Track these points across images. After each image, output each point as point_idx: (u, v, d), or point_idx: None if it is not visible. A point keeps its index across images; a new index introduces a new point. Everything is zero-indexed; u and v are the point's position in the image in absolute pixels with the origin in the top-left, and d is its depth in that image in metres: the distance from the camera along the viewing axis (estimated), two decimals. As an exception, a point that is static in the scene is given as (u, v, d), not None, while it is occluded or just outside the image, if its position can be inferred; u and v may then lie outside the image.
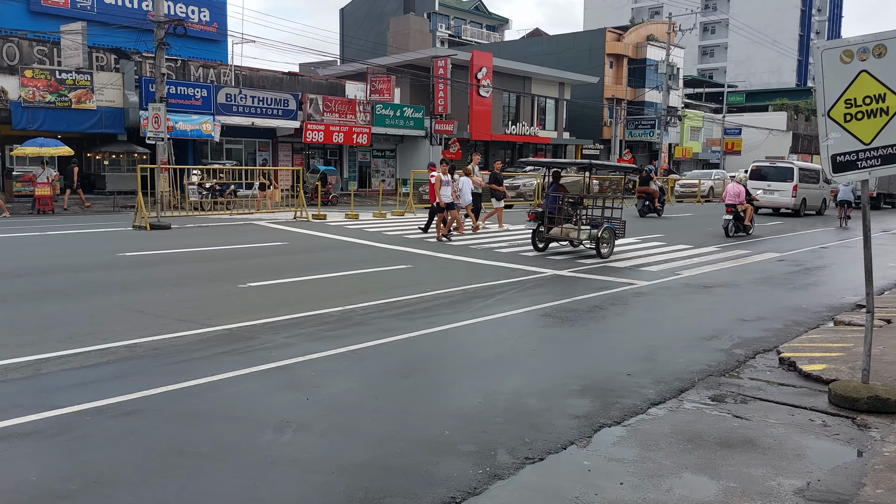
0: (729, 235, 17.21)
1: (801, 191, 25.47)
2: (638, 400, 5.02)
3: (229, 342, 6.53)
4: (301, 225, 17.80)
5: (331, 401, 4.94)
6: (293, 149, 33.90)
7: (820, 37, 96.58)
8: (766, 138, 63.47)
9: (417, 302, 8.58)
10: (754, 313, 8.24)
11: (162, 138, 16.19)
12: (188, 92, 27.71)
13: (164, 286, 9.16)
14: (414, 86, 39.85)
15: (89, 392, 5.06)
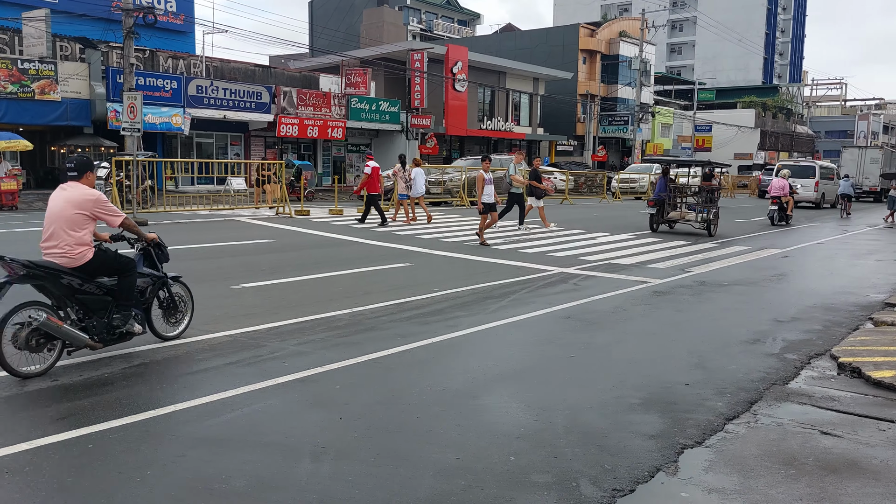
0: (774, 223, 19.46)
1: (821, 186, 28.51)
2: (710, 414, 4.53)
3: (235, 351, 5.89)
4: (285, 221, 17.05)
5: (368, 421, 4.36)
6: (266, 143, 32.97)
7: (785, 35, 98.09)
8: (735, 135, 64.09)
9: (427, 303, 8.02)
10: (785, 313, 7.84)
11: (138, 129, 15.32)
12: (157, 83, 26.65)
13: None
14: (389, 79, 39.13)
15: (87, 413, 4.40)
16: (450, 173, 26.29)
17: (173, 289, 6.34)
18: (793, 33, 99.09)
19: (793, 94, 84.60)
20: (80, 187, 5.45)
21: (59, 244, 5.25)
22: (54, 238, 5.26)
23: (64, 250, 5.24)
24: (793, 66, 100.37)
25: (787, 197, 19.95)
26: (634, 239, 15.11)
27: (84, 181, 5.49)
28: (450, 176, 25.98)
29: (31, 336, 4.94)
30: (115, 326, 5.49)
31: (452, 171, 26.65)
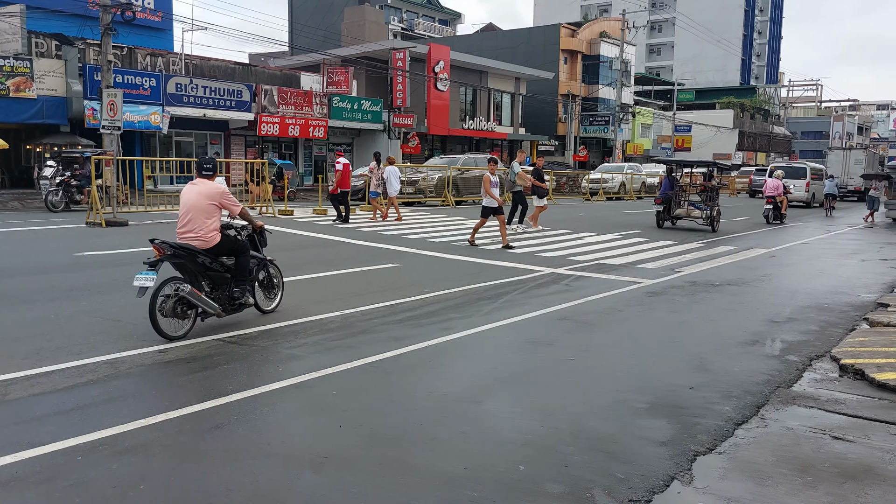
0: (769, 222, 20.27)
1: (812, 186, 30.12)
2: (718, 419, 4.44)
3: (225, 355, 5.70)
4: (268, 221, 16.72)
5: (368, 428, 4.20)
6: (246, 142, 32.58)
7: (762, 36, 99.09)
8: (714, 135, 64.61)
9: (420, 305, 7.87)
10: (780, 314, 7.80)
11: (118, 127, 14.97)
12: (136, 81, 26.18)
13: (134, 289, 8.18)
14: (370, 78, 38.87)
15: (74, 423, 4.20)
16: (423, 172, 25.55)
17: (270, 269, 7.34)
18: (769, 35, 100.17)
19: (770, 95, 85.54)
20: (210, 183, 6.58)
21: (195, 230, 6.42)
22: (191, 224, 6.44)
23: (199, 234, 6.41)
24: (770, 68, 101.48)
25: (782, 197, 20.83)
26: (621, 239, 15.07)
27: (214, 178, 6.71)
28: (423, 175, 25.21)
29: (177, 305, 6.07)
30: (235, 298, 6.59)
31: (426, 170, 25.93)
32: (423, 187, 24.68)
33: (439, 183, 24.56)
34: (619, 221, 19.54)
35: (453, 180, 24.86)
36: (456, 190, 25.01)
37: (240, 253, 6.70)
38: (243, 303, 6.67)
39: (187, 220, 6.45)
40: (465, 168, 25.54)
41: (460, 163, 25.98)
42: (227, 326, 6.58)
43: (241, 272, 6.64)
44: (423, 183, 24.72)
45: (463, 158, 26.88)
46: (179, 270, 6.37)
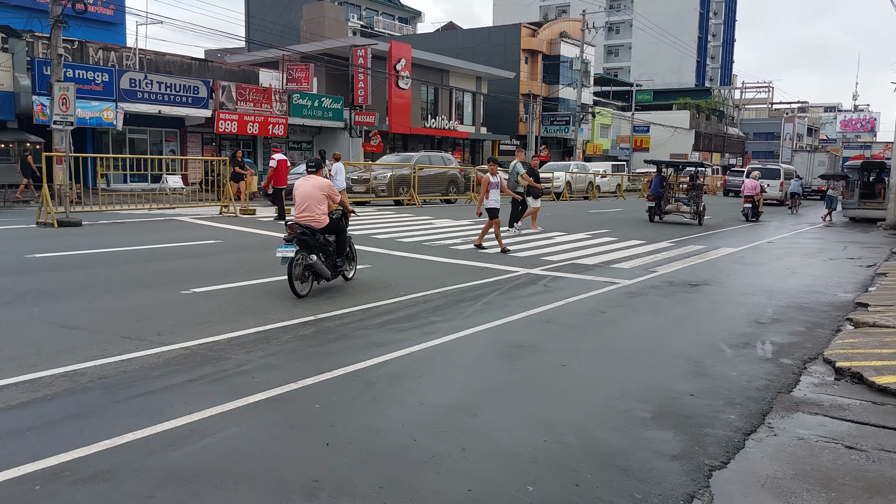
0: (748, 220, 21.68)
1: (785, 186, 32.04)
2: (726, 429, 4.23)
3: (195, 365, 5.30)
4: (230, 221, 16.23)
5: (360, 446, 3.88)
6: (203, 139, 31.73)
7: (716, 39, 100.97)
8: (671, 136, 65.50)
9: (397, 308, 7.55)
10: (763, 314, 7.69)
11: (71, 123, 14.23)
12: (87, 76, 25.21)
13: (92, 294, 7.70)
14: (331, 75, 38.28)
15: (31, 445, 3.78)
16: (375, 170, 24.82)
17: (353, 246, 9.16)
18: (723, 37, 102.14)
19: (724, 96, 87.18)
20: (318, 178, 8.47)
21: (311, 214, 8.20)
22: (308, 210, 8.22)
23: (315, 217, 8.21)
24: (723, 70, 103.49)
25: (759, 196, 22.22)
26: (591, 238, 14.95)
27: (319, 174, 8.53)
28: (375, 173, 24.51)
29: (304, 270, 7.91)
30: (337, 266, 8.47)
31: (378, 168, 25.11)
32: (374, 186, 23.93)
33: (391, 182, 23.90)
34: (586, 222, 19.50)
35: (407, 179, 24.32)
36: (409, 190, 24.41)
37: (340, 232, 8.61)
38: (342, 270, 8.63)
39: (304, 206, 8.25)
40: (420, 166, 25.04)
41: (413, 161, 25.37)
42: (194, 334, 6.16)
43: (341, 247, 8.61)
44: (374, 181, 23.95)
45: (416, 156, 26.32)
46: (301, 245, 7.87)
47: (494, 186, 12.50)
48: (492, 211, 12.47)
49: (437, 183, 26.06)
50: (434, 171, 25.84)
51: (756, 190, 22.01)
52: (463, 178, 28.28)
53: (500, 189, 12.66)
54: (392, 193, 23.86)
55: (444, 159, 28.09)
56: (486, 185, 12.44)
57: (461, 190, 27.59)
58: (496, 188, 12.54)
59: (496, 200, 12.52)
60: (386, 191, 23.87)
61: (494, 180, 12.52)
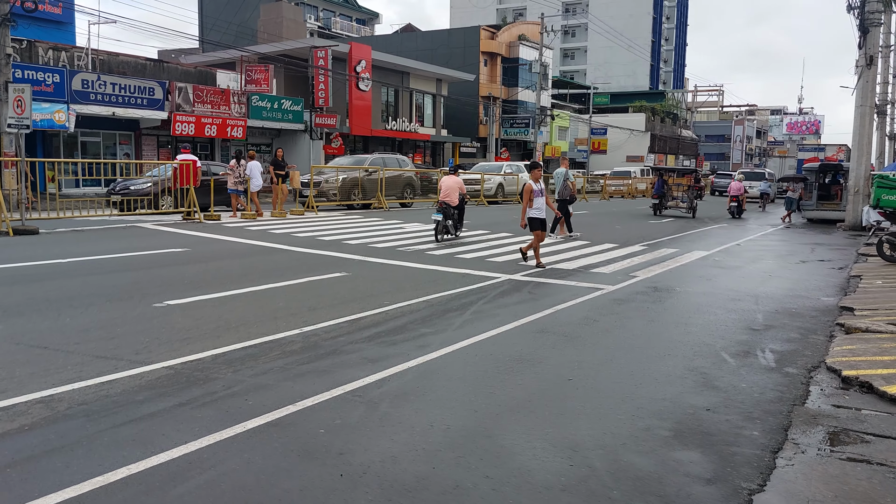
0: (734, 217, 24.52)
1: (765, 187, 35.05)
2: (752, 447, 4.08)
3: (182, 387, 4.96)
4: (194, 226, 15.68)
5: (376, 476, 3.61)
6: (159, 142, 30.85)
7: (669, 43, 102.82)
8: (627, 138, 66.38)
9: (383, 319, 7.29)
10: (754, 320, 7.65)
11: (27, 126, 13.53)
12: (37, 77, 24.26)
13: (58, 309, 7.24)
14: (289, 77, 37.64)
15: (15, 485, 3.42)
16: (325, 174, 24.01)
17: None
18: (676, 41, 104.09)
19: (678, 99, 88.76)
20: (455, 177, 14.99)
21: (452, 197, 14.25)
22: (450, 195, 14.24)
23: (454, 199, 14.30)
24: (676, 73, 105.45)
25: (743, 196, 25.42)
26: (562, 242, 14.89)
27: (455, 174, 15.19)
28: (326, 177, 23.71)
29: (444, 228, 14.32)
30: (457, 228, 14.81)
31: (328, 171, 24.33)
32: (325, 189, 23.17)
33: (344, 185, 23.27)
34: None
35: (359, 181, 23.68)
36: (363, 193, 23.84)
37: (462, 207, 14.85)
38: (459, 231, 15.00)
39: (447, 192, 14.32)
40: (374, 168, 24.37)
41: (367, 163, 24.71)
42: (175, 351, 5.80)
43: (461, 216, 14.96)
44: (324, 185, 23.15)
45: (370, 158, 25.63)
46: (444, 214, 14.00)
47: (538, 195, 11.20)
48: (534, 222, 11.14)
49: (393, 186, 25.41)
50: (389, 175, 25.17)
51: (741, 191, 25.10)
52: (419, 180, 27.82)
53: (544, 196, 11.32)
54: (345, 198, 23.20)
55: (400, 161, 27.43)
56: (528, 194, 11.16)
57: (418, 193, 27.08)
58: (540, 196, 11.23)
59: (540, 210, 11.20)
60: (337, 195, 23.15)
61: (538, 188, 11.20)
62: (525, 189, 11.27)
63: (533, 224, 11.16)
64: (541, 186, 11.29)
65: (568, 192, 16.67)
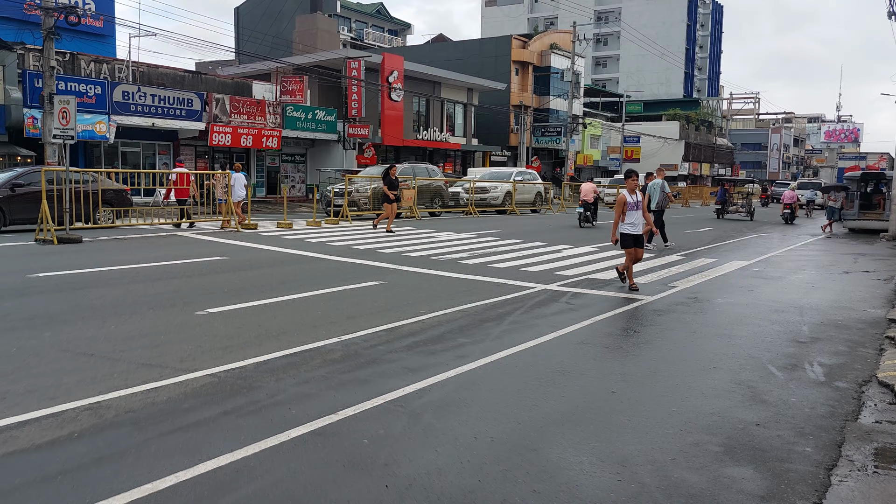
0: (787, 222, 27.23)
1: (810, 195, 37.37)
2: (806, 464, 3.98)
3: (226, 396, 5.00)
4: (232, 236, 15.89)
5: (423, 489, 3.59)
6: (196, 152, 31.39)
7: (703, 50, 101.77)
8: (661, 147, 65.74)
9: (421, 328, 7.27)
10: (800, 332, 7.48)
11: (72, 137, 13.88)
12: (80, 88, 24.86)
13: (103, 316, 7.37)
14: (323, 88, 38.05)
15: (66, 493, 3.47)
16: (356, 183, 23.87)
17: None
18: (710, 49, 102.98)
19: (713, 107, 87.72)
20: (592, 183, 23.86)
21: (588, 196, 22.06)
22: (587, 195, 22.12)
23: (590, 198, 22.11)
24: (711, 81, 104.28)
25: (795, 203, 28.15)
26: (598, 252, 14.75)
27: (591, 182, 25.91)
28: (356, 186, 23.62)
29: (585, 217, 21.86)
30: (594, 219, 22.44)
31: (360, 180, 24.12)
32: (356, 199, 23.15)
33: (372, 195, 23.10)
34: (589, 235, 19.27)
35: None
36: None
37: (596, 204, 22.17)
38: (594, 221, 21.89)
39: (585, 193, 21.98)
40: (403, 178, 24.13)
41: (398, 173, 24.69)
42: (218, 360, 5.85)
43: (595, 210, 22.33)
44: (355, 195, 23.14)
45: (400, 168, 25.27)
46: (585, 208, 21.64)
47: (633, 207, 9.91)
48: (626, 238, 9.91)
49: (423, 195, 25.37)
50: (419, 184, 25.15)
51: (793, 199, 28.07)
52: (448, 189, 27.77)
53: (641, 211, 10.02)
54: (374, 207, 23.07)
55: (429, 171, 27.38)
56: (621, 206, 9.91)
57: (447, 203, 26.87)
58: (635, 209, 9.93)
59: (633, 225, 9.89)
60: (368, 204, 23.07)
61: (632, 199, 9.93)
62: (618, 200, 9.97)
63: (625, 241, 9.93)
64: (637, 198, 9.97)
65: (666, 202, 16.80)
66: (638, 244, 9.98)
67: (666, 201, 16.73)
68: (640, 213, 9.97)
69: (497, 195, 29.27)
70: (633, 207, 9.92)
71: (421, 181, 25.40)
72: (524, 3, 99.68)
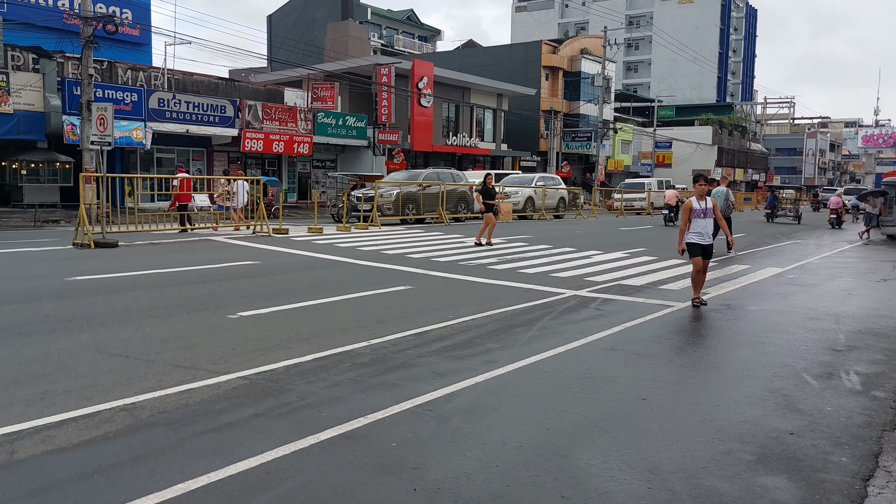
0: (833, 227, 28.05)
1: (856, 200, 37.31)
2: (842, 474, 3.90)
3: (257, 398, 5.06)
4: (263, 240, 16.09)
5: (452, 493, 3.59)
6: (229, 158, 31.80)
7: (737, 54, 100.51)
8: (693, 151, 65.01)
9: (449, 333, 7.28)
10: (836, 340, 7.34)
11: (109, 143, 14.22)
12: (117, 96, 25.38)
13: (138, 319, 7.51)
14: (353, 94, 38.35)
15: (102, 491, 3.54)
16: (382, 188, 23.21)
17: None
18: (744, 53, 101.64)
19: (747, 112, 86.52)
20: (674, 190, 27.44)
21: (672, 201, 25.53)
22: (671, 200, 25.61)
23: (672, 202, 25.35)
24: (744, 85, 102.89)
25: (842, 209, 29.19)
26: (629, 258, 14.63)
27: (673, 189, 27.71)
28: (381, 191, 23.00)
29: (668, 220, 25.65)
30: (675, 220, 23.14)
31: (385, 185, 23.57)
32: (380, 204, 22.68)
33: (397, 199, 23.07)
34: (620, 240, 19.15)
35: (413, 196, 23.60)
36: (417, 208, 23.73)
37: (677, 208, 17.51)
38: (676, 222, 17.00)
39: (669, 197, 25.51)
40: (427, 183, 24.21)
41: (421, 178, 24.51)
42: (250, 362, 5.93)
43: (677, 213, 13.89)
44: (379, 200, 22.55)
45: (424, 173, 25.38)
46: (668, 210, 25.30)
47: (699, 215, 9.02)
48: (693, 248, 9.06)
49: (449, 200, 25.23)
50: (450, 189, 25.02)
51: (839, 204, 29.14)
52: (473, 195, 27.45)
53: (711, 219, 9.13)
54: (398, 212, 23.06)
55: (454, 176, 27.16)
56: (686, 213, 9.10)
57: (472, 208, 26.51)
58: (702, 217, 9.03)
59: (702, 235, 9.03)
60: (392, 209, 22.93)
61: (700, 206, 9.06)
62: (684, 207, 9.18)
63: (693, 250, 9.06)
64: (706, 205, 9.07)
65: (730, 210, 16.91)
66: (706, 255, 9.12)
67: (730, 209, 16.77)
68: (710, 221, 9.09)
69: (517, 200, 29.29)
70: (701, 215, 9.03)
71: (448, 186, 25.39)
72: (555, 9, 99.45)
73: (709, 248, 9.13)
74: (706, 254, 9.12)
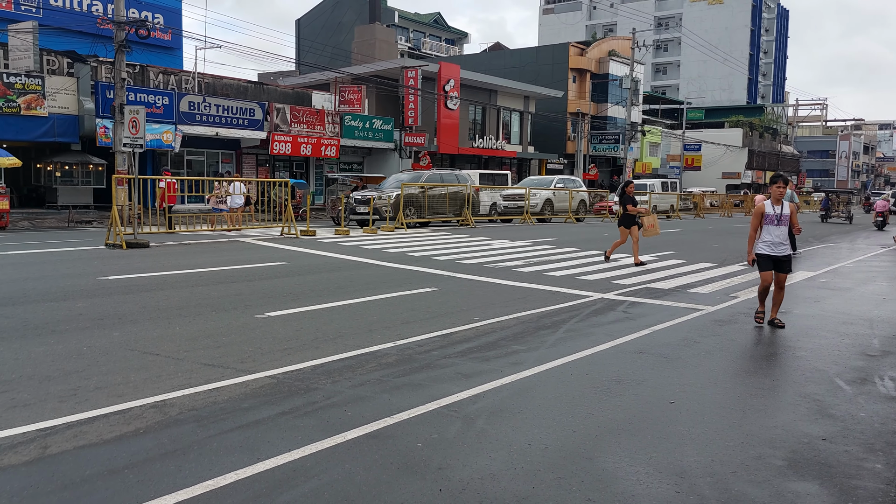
0: (879, 229, 28.61)
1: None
2: (876, 481, 3.82)
3: (284, 396, 5.10)
4: (291, 242, 16.23)
5: (476, 494, 3.59)
6: (258, 161, 32.15)
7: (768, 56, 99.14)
8: (723, 154, 64.24)
9: (475, 335, 7.27)
10: (870, 345, 7.19)
11: (141, 145, 14.47)
12: (149, 99, 25.79)
13: (168, 318, 7.62)
14: (380, 97, 38.52)
15: (132, 486, 3.59)
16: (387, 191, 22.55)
17: None
18: (775, 54, 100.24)
19: (778, 114, 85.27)
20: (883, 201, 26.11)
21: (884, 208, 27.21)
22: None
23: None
24: (776, 87, 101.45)
25: (887, 211, 30.09)
26: (658, 261, 14.48)
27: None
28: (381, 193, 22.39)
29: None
30: None
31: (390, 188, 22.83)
32: (380, 206, 21.97)
33: (396, 202, 21.93)
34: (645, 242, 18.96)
35: (416, 198, 22.59)
36: (419, 211, 22.77)
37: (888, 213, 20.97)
38: None
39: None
40: (430, 185, 23.17)
41: (423, 179, 23.45)
42: (277, 361, 5.98)
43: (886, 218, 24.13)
44: (377, 202, 21.81)
45: (426, 175, 24.21)
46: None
47: (772, 221, 7.88)
48: (763, 260, 7.94)
49: (453, 202, 24.24)
50: (442, 192, 23.74)
51: (885, 207, 30.20)
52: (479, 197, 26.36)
53: (786, 227, 7.93)
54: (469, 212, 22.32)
55: (459, 177, 25.81)
56: (757, 218, 8.06)
57: (479, 211, 25.84)
58: (775, 224, 7.88)
59: (772, 244, 7.88)
60: (390, 211, 21.90)
61: (774, 211, 7.90)
62: (755, 211, 8.15)
63: (762, 263, 7.94)
64: (781, 210, 7.89)
65: None
66: (779, 268, 7.89)
67: None
68: (784, 229, 7.87)
69: (536, 202, 28.91)
70: (774, 221, 7.86)
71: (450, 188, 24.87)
72: (582, 10, 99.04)
73: (783, 261, 7.88)
74: (780, 267, 7.89)
